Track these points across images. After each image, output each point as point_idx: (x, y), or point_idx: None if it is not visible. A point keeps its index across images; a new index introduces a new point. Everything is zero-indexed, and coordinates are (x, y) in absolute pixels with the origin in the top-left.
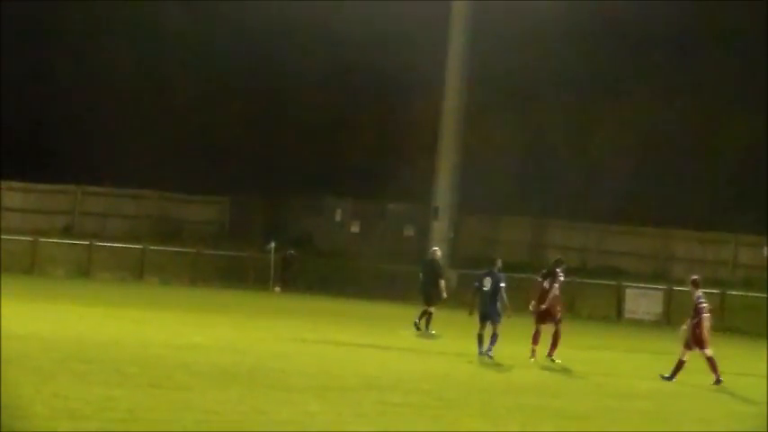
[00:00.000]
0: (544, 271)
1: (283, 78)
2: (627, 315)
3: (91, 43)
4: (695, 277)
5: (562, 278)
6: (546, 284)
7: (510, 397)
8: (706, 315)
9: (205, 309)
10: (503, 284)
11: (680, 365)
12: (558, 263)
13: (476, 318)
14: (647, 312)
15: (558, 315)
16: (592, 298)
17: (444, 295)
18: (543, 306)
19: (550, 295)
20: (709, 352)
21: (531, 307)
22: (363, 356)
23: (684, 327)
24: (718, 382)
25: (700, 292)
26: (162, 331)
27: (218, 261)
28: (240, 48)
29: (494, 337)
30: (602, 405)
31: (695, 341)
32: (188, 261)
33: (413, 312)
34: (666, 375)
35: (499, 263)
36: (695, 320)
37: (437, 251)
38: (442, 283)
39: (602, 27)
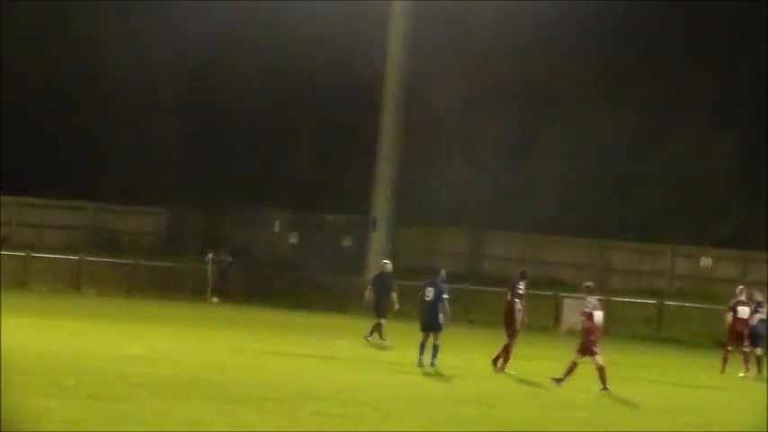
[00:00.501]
0: (510, 284)
1: (221, 89)
2: (564, 325)
3: (26, 53)
4: (588, 284)
5: (521, 290)
6: (509, 296)
7: (449, 407)
8: (580, 318)
9: (143, 320)
10: (446, 296)
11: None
12: (522, 275)
13: (417, 327)
14: None
15: (514, 327)
16: (530, 308)
17: (396, 306)
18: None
19: (513, 308)
20: (575, 357)
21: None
22: (302, 367)
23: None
24: (603, 389)
25: (591, 299)
26: (99, 342)
27: (156, 272)
28: (177, 60)
29: (435, 348)
30: (541, 415)
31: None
32: (125, 272)
33: (351, 323)
34: (558, 377)
35: (443, 273)
36: (585, 324)
37: (387, 264)
38: (394, 294)
39: (541, 39)
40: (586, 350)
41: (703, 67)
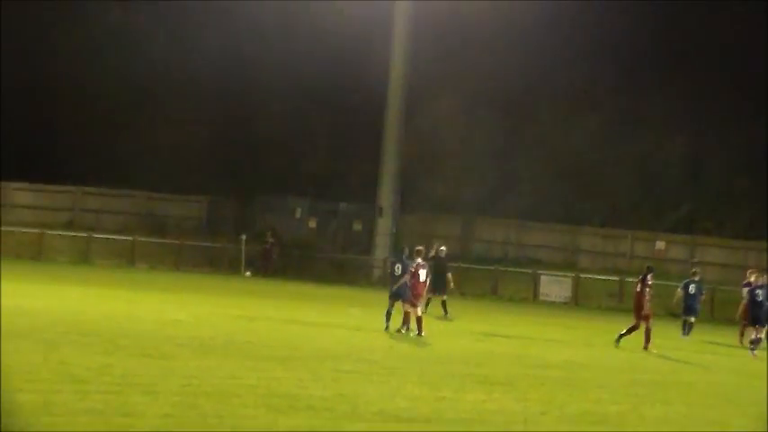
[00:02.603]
0: (640, 277)
1: (252, 97)
2: (541, 298)
3: (84, 60)
4: (419, 248)
5: (650, 282)
6: (638, 288)
7: (443, 366)
8: (412, 272)
9: (187, 290)
10: (412, 269)
11: (388, 316)
12: (650, 269)
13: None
14: (559, 296)
15: (646, 312)
16: (512, 283)
17: (452, 285)
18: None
19: (645, 298)
20: (407, 307)
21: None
22: (320, 331)
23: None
24: (419, 333)
25: (419, 260)
26: (150, 309)
27: (198, 250)
28: (214, 73)
29: (406, 316)
30: (521, 373)
31: (412, 296)
32: (172, 250)
33: (361, 294)
34: (417, 332)
35: (406, 250)
36: (411, 281)
37: (443, 248)
38: (449, 275)
39: (521, 57)
40: (411, 302)
41: (659, 78)
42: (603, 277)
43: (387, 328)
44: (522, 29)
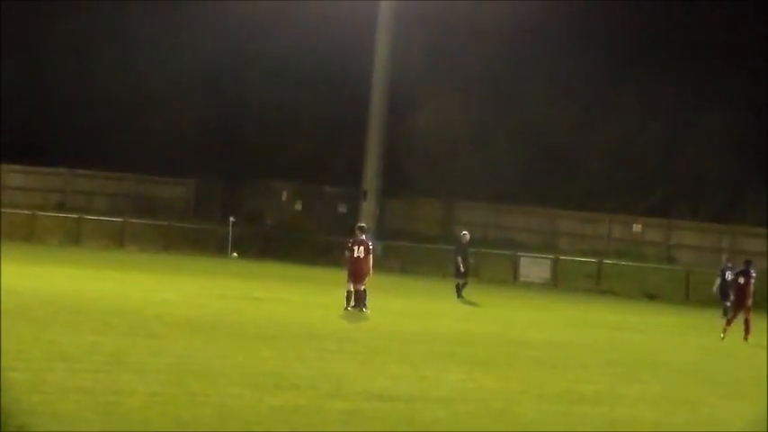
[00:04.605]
0: (738, 270)
1: (241, 82)
2: (521, 279)
3: (75, 46)
4: (361, 225)
5: (753, 275)
6: (741, 281)
7: (426, 345)
8: (349, 246)
9: (175, 271)
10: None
11: (349, 295)
12: (749, 264)
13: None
14: (538, 277)
15: (746, 304)
16: (492, 265)
17: (461, 270)
18: (745, 301)
19: (748, 290)
20: (358, 287)
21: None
22: (305, 311)
23: None
24: (357, 307)
25: (360, 237)
26: (139, 289)
27: (186, 232)
28: (202, 58)
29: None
30: (501, 352)
31: (360, 275)
32: (161, 232)
33: (345, 275)
34: (354, 307)
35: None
36: (349, 258)
37: (466, 235)
38: (458, 259)
39: (502, 43)
40: (351, 277)
41: (635, 65)
42: (582, 259)
43: (347, 308)
44: (505, 19)
